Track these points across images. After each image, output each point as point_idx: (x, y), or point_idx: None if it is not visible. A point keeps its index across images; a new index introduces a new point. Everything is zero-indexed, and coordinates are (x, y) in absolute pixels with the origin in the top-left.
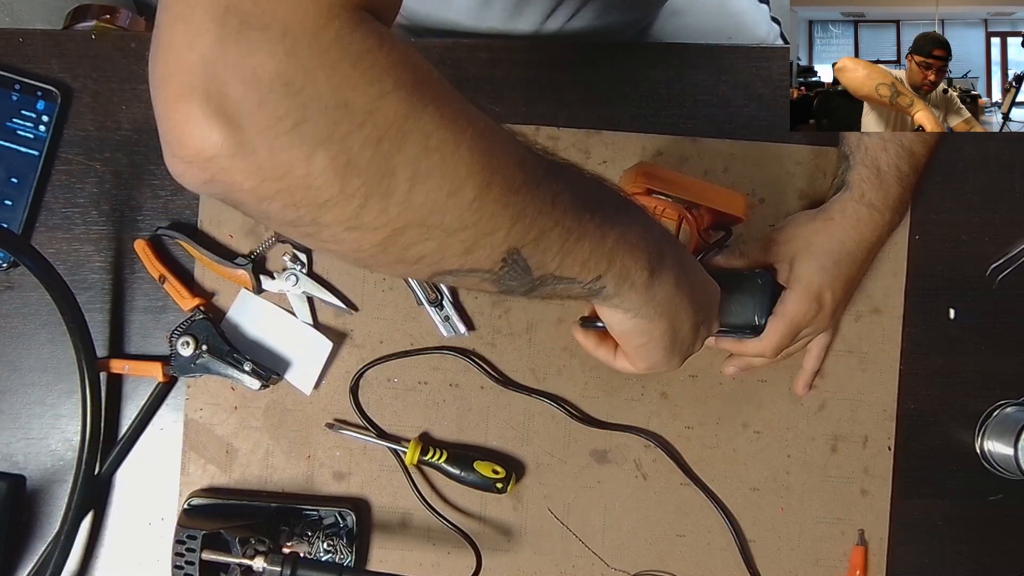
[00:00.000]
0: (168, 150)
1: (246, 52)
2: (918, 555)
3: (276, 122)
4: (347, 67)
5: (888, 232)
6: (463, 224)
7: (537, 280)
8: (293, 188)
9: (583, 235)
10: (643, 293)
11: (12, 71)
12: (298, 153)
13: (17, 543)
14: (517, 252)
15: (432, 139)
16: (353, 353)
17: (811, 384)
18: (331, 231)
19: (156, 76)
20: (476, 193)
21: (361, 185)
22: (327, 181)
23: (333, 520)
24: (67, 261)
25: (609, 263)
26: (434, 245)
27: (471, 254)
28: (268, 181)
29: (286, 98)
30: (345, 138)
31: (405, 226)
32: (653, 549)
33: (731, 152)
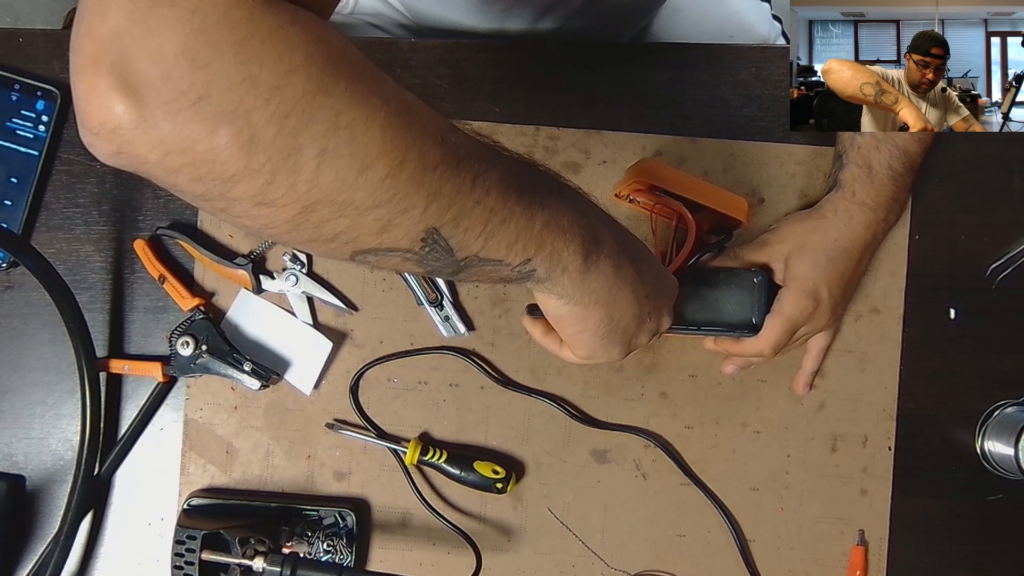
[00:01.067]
0: (79, 121)
1: (154, 27)
2: (918, 555)
3: (178, 96)
4: (256, 43)
5: (884, 230)
6: (375, 202)
7: (462, 262)
8: (197, 162)
9: (508, 216)
10: (577, 278)
11: (12, 71)
12: (200, 128)
13: (17, 543)
14: (436, 232)
15: (342, 116)
16: (353, 353)
17: (811, 384)
18: (241, 206)
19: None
20: (388, 171)
21: (267, 161)
22: (231, 156)
23: (333, 520)
24: (67, 261)
25: (538, 246)
26: (347, 223)
27: (387, 232)
28: (172, 155)
29: (190, 72)
30: (249, 113)
31: (315, 203)
32: (653, 549)
33: (731, 152)
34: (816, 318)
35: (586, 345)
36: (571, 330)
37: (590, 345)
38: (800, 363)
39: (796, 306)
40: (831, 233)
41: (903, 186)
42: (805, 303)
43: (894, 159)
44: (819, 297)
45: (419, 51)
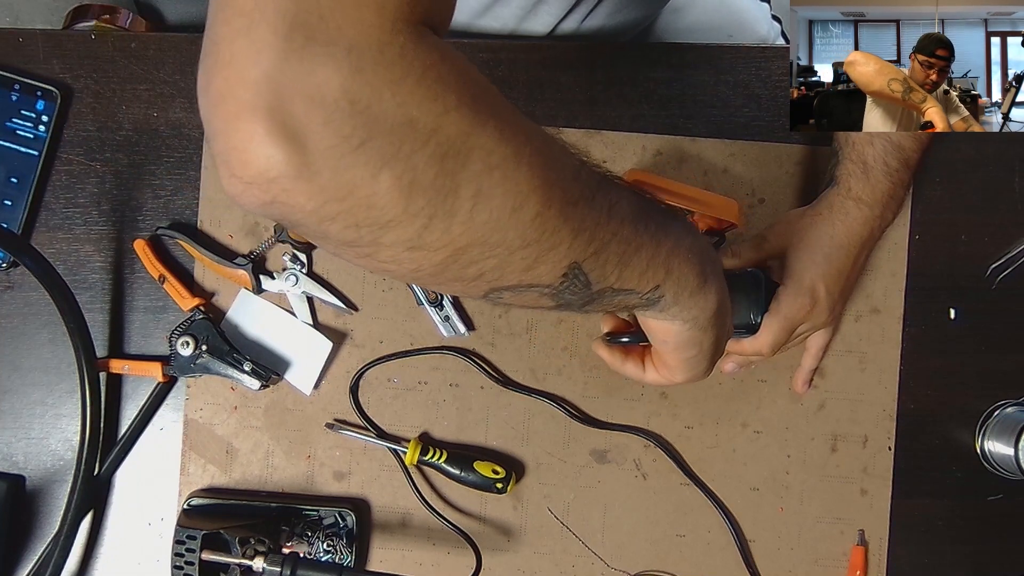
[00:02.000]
0: (226, 170)
1: (311, 69)
2: (918, 555)
3: (342, 141)
4: (412, 83)
5: (880, 226)
6: (525, 241)
7: (596, 293)
8: (356, 208)
9: (640, 246)
10: (700, 301)
11: (12, 71)
12: (363, 173)
13: (17, 543)
14: (578, 266)
15: (494, 155)
16: (353, 353)
17: (810, 382)
18: (391, 252)
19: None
20: (539, 209)
21: (425, 205)
22: (391, 201)
23: (333, 520)
24: (67, 261)
25: (667, 272)
26: (495, 263)
27: (532, 270)
28: (331, 202)
29: (352, 116)
30: (410, 156)
31: (468, 245)
32: (653, 549)
33: (731, 152)
34: (814, 316)
35: (696, 367)
36: (686, 355)
37: (701, 366)
38: (799, 362)
39: (794, 305)
40: (827, 230)
41: (899, 182)
42: (803, 301)
43: (889, 155)
44: (817, 295)
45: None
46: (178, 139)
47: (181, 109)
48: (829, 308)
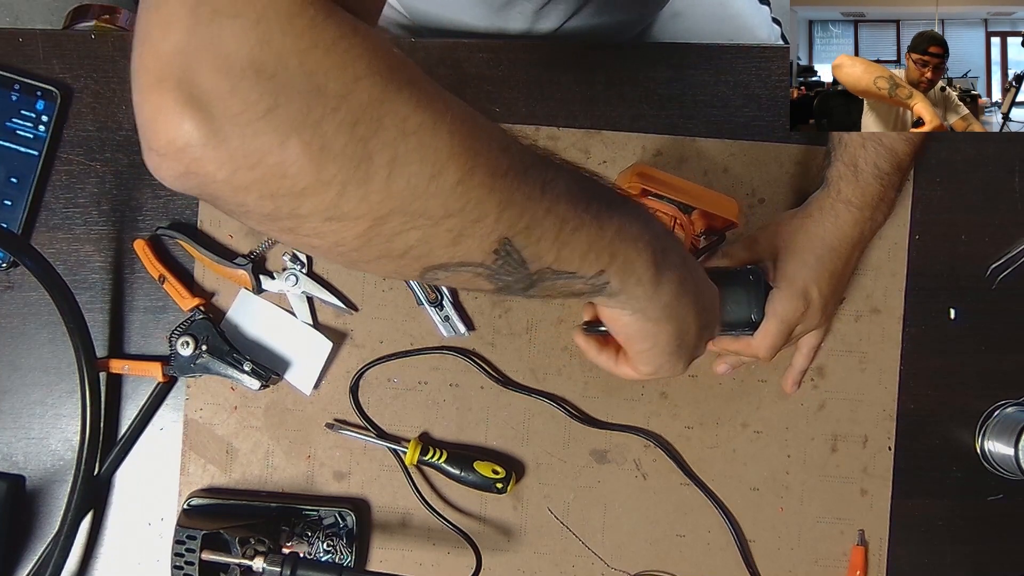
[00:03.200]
0: (144, 143)
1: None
2: (918, 555)
3: (248, 108)
4: (320, 52)
5: (871, 228)
6: (448, 211)
7: (535, 275)
8: (268, 177)
9: (579, 225)
10: (650, 291)
11: (12, 71)
12: (271, 139)
13: (17, 543)
14: (509, 242)
15: (409, 121)
16: (353, 353)
17: (799, 382)
18: (311, 223)
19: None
20: (459, 176)
21: (338, 171)
22: (302, 168)
23: (333, 520)
24: (67, 261)
25: (611, 256)
26: (419, 235)
27: (459, 244)
28: (242, 170)
29: (258, 84)
30: (319, 123)
31: (387, 214)
32: (653, 549)
33: (731, 152)
34: (808, 318)
35: (654, 361)
36: (640, 347)
37: (658, 361)
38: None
39: (788, 307)
40: (818, 232)
41: (890, 185)
42: (796, 304)
43: (880, 158)
44: (809, 297)
45: (418, 51)
46: None
47: None
48: (821, 309)
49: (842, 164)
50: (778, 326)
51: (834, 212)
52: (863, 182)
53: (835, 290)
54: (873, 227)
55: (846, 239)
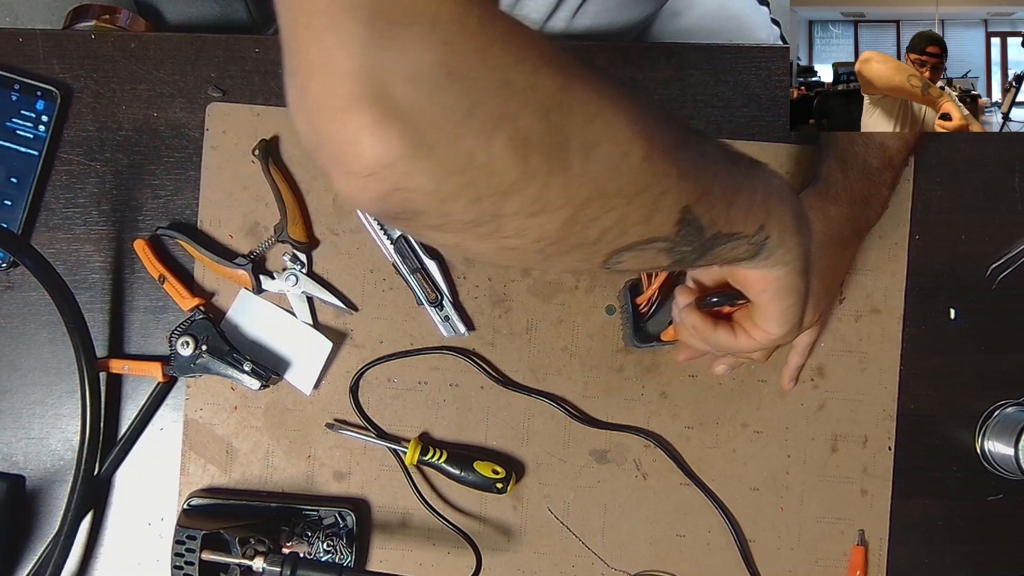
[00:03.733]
0: (340, 169)
1: (403, 49)
2: (918, 555)
3: (449, 113)
4: (499, 48)
5: (863, 225)
6: (639, 187)
7: (709, 240)
8: (475, 179)
9: (739, 186)
10: (801, 242)
11: (12, 71)
12: (477, 140)
13: (17, 543)
14: (690, 211)
15: (591, 105)
16: (353, 353)
17: (796, 379)
18: (514, 222)
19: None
20: (645, 152)
21: (542, 162)
22: (508, 163)
23: (333, 520)
24: (67, 261)
25: (767, 213)
26: (615, 216)
27: (650, 220)
28: (450, 176)
29: (452, 87)
30: (516, 116)
31: (587, 199)
32: (653, 549)
33: None
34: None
35: (793, 317)
36: (786, 303)
37: (796, 317)
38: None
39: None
40: None
41: (881, 182)
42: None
43: (871, 154)
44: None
45: None
46: (178, 139)
47: (181, 109)
48: (814, 307)
49: (832, 161)
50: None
51: (823, 209)
52: (852, 179)
53: (827, 287)
54: (866, 224)
55: (836, 236)
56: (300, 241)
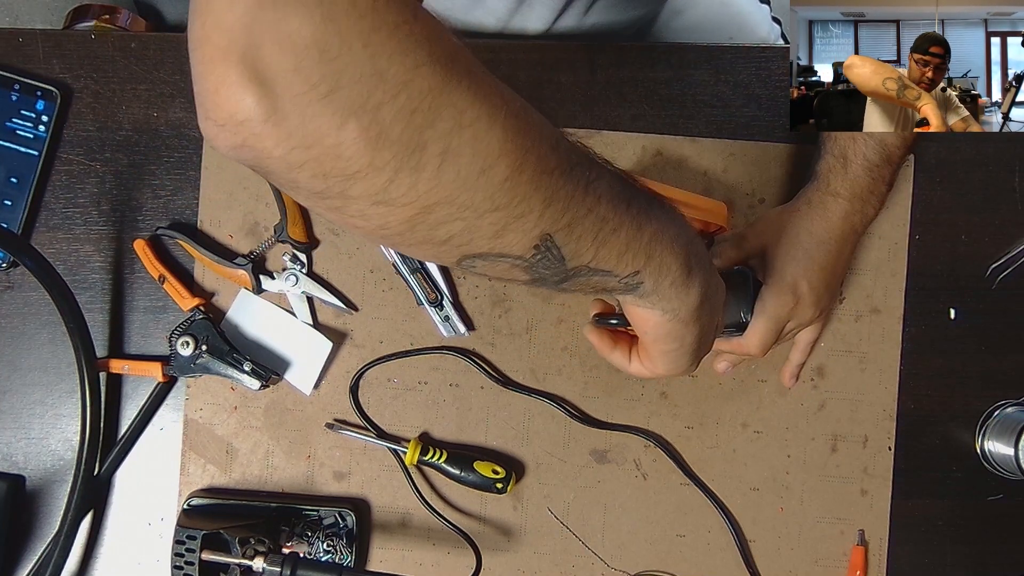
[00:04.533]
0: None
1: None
2: (918, 555)
3: (310, 88)
4: (383, 36)
5: (862, 221)
6: (494, 205)
7: (571, 271)
8: (323, 157)
9: (619, 226)
10: (681, 292)
11: (12, 71)
12: (330, 121)
13: (17, 543)
14: (550, 239)
15: (466, 115)
16: (353, 353)
17: (797, 376)
18: (358, 205)
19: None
20: (508, 173)
21: (391, 158)
22: (357, 151)
23: (333, 520)
24: (67, 261)
25: (647, 258)
26: (463, 225)
27: (501, 237)
28: (298, 149)
29: (321, 64)
30: (378, 108)
31: (434, 204)
32: (653, 549)
33: (731, 152)
34: (799, 313)
35: (677, 361)
36: (667, 347)
37: (680, 362)
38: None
39: (777, 303)
40: (806, 226)
41: (880, 178)
42: (786, 299)
43: (870, 150)
44: (799, 292)
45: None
46: (178, 139)
47: (181, 109)
48: (813, 304)
49: (831, 157)
50: (767, 323)
51: (823, 205)
52: (852, 175)
53: (827, 284)
54: (864, 220)
55: (835, 232)
56: (300, 241)
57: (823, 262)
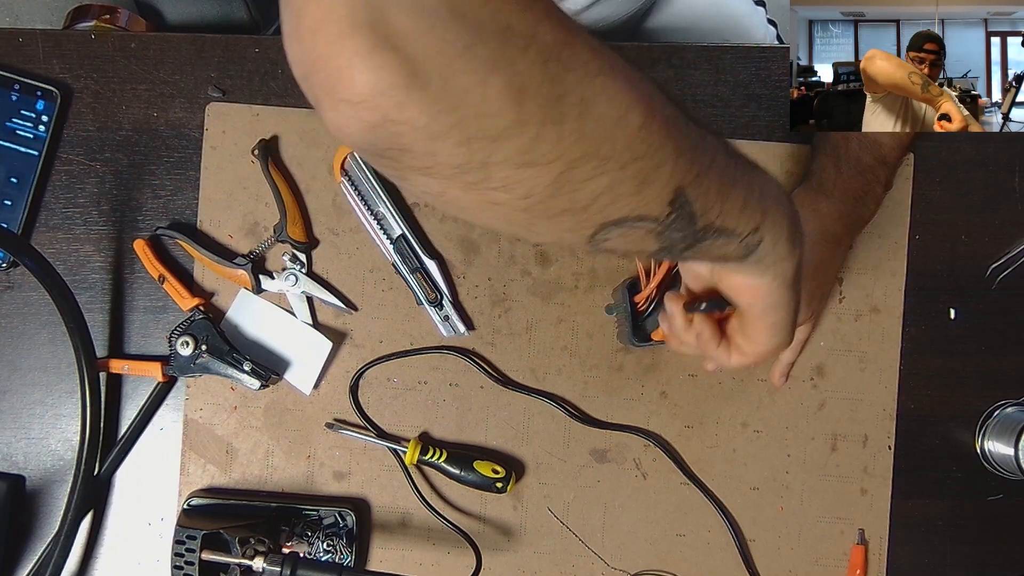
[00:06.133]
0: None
1: None
2: (918, 555)
3: (447, 47)
4: None
5: (856, 222)
6: (634, 154)
7: (700, 231)
8: (468, 118)
9: (736, 180)
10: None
11: (12, 71)
12: (473, 78)
13: (17, 543)
14: (683, 193)
15: (592, 64)
16: (353, 353)
17: (787, 374)
18: (503, 172)
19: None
20: (642, 120)
21: (536, 110)
22: (502, 107)
23: (333, 520)
24: (67, 261)
25: (763, 213)
26: (607, 181)
27: (642, 192)
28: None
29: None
30: (514, 61)
31: (579, 157)
32: (653, 549)
33: None
34: None
35: (783, 332)
36: (774, 318)
37: (784, 333)
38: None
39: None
40: None
41: (874, 179)
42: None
43: (863, 151)
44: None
45: None
46: (178, 139)
47: (181, 109)
48: (806, 304)
49: (824, 157)
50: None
51: (815, 206)
52: (845, 175)
53: (819, 284)
54: (858, 222)
55: (827, 232)
56: (300, 241)
57: (815, 263)
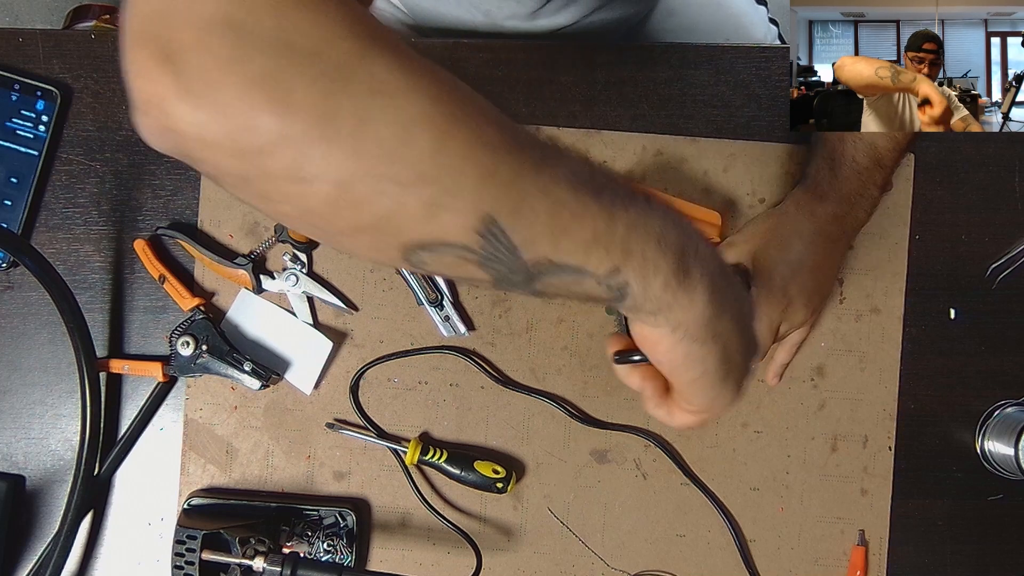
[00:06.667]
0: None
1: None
2: (918, 555)
3: (213, 60)
4: (290, 6)
5: (852, 224)
6: (419, 176)
7: (533, 266)
8: (234, 131)
9: (581, 213)
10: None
11: (12, 71)
12: (235, 91)
13: (17, 543)
14: (494, 222)
15: (379, 81)
16: (353, 353)
17: (781, 375)
18: (279, 186)
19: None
20: (432, 142)
21: (301, 126)
22: (266, 121)
23: (333, 520)
24: (67, 261)
25: (625, 253)
26: (389, 203)
27: (436, 218)
28: (210, 124)
29: (225, 37)
30: (284, 77)
31: (352, 176)
32: (653, 549)
33: (731, 152)
34: (791, 315)
35: (706, 393)
36: (689, 376)
37: (710, 393)
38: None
39: (769, 306)
40: (792, 227)
41: (870, 181)
42: (776, 302)
43: (859, 152)
44: (789, 294)
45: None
46: None
47: None
48: (804, 306)
49: (820, 159)
50: (760, 326)
51: (810, 208)
52: (841, 177)
53: (818, 286)
54: (854, 223)
55: (823, 234)
56: (300, 241)
57: (812, 264)
